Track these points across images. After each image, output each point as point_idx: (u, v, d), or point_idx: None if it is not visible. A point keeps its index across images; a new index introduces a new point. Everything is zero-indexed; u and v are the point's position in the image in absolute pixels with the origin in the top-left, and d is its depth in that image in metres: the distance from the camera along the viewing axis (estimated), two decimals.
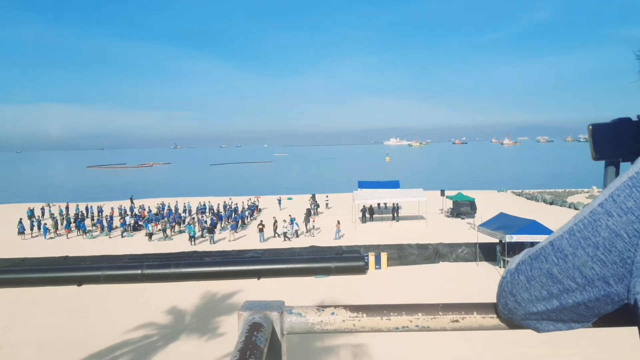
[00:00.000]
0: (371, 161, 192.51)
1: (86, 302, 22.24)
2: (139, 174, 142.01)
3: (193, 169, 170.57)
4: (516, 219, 26.50)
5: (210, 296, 22.43)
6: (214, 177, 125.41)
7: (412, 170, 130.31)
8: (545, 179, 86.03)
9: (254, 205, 50.42)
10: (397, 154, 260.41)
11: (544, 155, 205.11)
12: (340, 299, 21.21)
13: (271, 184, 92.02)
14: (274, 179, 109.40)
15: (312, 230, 37.45)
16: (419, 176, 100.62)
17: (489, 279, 24.17)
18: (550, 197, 52.61)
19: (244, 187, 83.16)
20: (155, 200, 58.30)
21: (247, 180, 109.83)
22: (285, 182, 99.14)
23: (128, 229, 39.80)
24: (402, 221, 41.64)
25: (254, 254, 27.52)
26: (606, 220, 0.93)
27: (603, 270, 0.93)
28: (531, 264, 1.06)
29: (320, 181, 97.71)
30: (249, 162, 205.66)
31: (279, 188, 79.50)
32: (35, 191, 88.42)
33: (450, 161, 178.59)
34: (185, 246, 33.32)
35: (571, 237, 0.99)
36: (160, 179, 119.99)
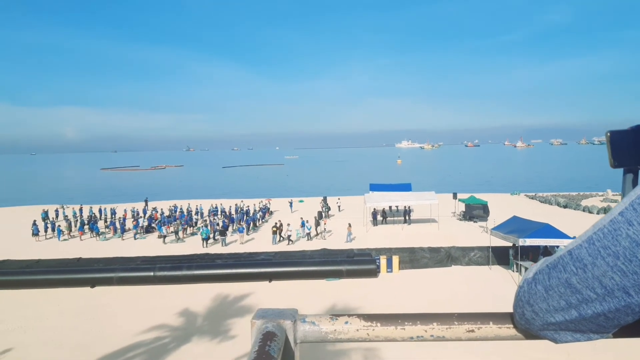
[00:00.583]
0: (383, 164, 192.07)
1: (99, 303, 22.40)
2: (152, 177, 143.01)
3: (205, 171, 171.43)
4: (529, 223, 26.23)
5: (222, 298, 22.48)
6: (226, 179, 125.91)
7: (424, 173, 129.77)
8: (559, 182, 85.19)
9: (265, 207, 50.53)
10: (409, 157, 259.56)
11: (557, 158, 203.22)
12: (352, 302, 21.16)
13: (283, 187, 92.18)
14: (286, 182, 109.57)
15: (324, 232, 37.42)
16: (431, 179, 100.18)
17: (502, 283, 23.95)
18: (564, 201, 52.04)
19: (256, 190, 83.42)
20: (168, 203, 58.67)
21: (259, 182, 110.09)
22: (297, 184, 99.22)
23: (141, 231, 40.05)
24: (414, 224, 41.47)
25: (265, 256, 27.54)
26: (627, 229, 0.90)
27: (623, 280, 0.90)
28: (549, 274, 1.04)
29: (332, 184, 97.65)
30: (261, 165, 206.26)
31: (290, 190, 79.61)
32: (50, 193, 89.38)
33: (462, 164, 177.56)
34: (197, 248, 33.45)
35: (590, 246, 0.96)
36: (173, 182, 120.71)
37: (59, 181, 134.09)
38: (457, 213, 46.01)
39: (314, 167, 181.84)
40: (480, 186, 77.88)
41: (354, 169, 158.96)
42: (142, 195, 69.77)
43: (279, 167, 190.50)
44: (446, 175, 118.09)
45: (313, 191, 75.26)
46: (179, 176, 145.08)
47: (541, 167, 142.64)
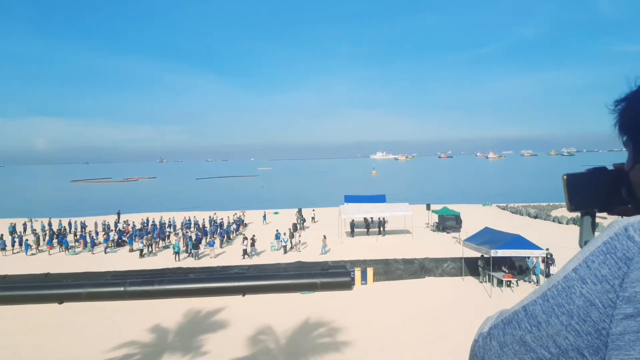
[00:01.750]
0: (358, 175, 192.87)
1: (67, 320, 21.81)
2: (124, 189, 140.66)
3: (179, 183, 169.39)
4: (501, 234, 26.59)
5: (195, 313, 22.13)
6: (199, 191, 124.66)
7: (398, 184, 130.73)
8: (530, 193, 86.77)
9: (239, 219, 50.11)
10: (384, 168, 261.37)
11: (528, 169, 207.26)
12: (326, 316, 21.06)
13: (257, 198, 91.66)
14: (260, 193, 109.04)
15: (298, 245, 37.28)
16: (405, 190, 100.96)
17: (475, 294, 24.20)
18: (535, 211, 53.04)
19: (230, 202, 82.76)
20: (140, 216, 57.72)
21: (233, 194, 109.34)
22: (272, 196, 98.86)
23: (111, 245, 39.29)
24: (388, 235, 41.67)
25: (239, 270, 27.26)
26: (580, 287, 0.90)
27: (577, 340, 0.88)
28: (504, 329, 1.02)
29: (307, 195, 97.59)
30: (235, 176, 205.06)
31: (265, 202, 79.24)
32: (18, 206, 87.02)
33: (436, 175, 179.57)
34: (170, 262, 32.93)
35: (545, 303, 0.95)
36: (145, 194, 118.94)
37: (27, 194, 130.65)
38: (430, 224, 46.42)
39: (288, 179, 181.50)
40: (453, 197, 78.79)
41: (329, 180, 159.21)
42: (113, 207, 68.48)
43: (254, 178, 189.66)
44: (420, 186, 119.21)
45: (288, 203, 75.06)
46: (152, 188, 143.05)
47: (512, 178, 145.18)
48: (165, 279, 25.14)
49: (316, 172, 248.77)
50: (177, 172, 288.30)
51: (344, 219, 41.76)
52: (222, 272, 26.78)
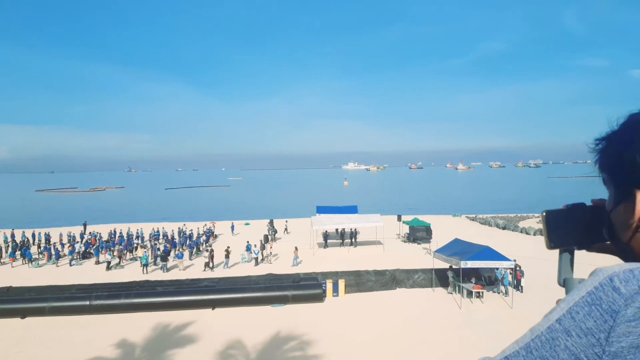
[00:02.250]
0: (330, 185, 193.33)
1: (30, 335, 21.05)
2: (91, 199, 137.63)
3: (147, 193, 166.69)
4: (471, 245, 26.92)
5: (163, 328, 21.63)
6: (168, 201, 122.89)
7: (370, 194, 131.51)
8: (498, 204, 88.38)
9: (209, 231, 49.53)
10: (355, 179, 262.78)
11: (496, 180, 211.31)
12: (298, 329, 20.86)
13: (229, 209, 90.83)
14: (232, 204, 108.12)
15: (270, 256, 36.99)
16: (377, 201, 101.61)
17: (445, 305, 24.36)
18: (503, 222, 53.98)
19: (200, 212, 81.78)
20: (107, 227, 56.45)
21: (204, 205, 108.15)
22: (243, 207, 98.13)
23: (77, 257, 38.27)
24: (360, 246, 41.75)
25: (208, 283, 26.82)
26: (565, 340, 0.87)
27: None
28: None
29: (279, 206, 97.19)
30: (206, 186, 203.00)
31: (236, 213, 78.56)
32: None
33: (406, 186, 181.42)
34: (137, 275, 32.22)
35: (528, 354, 0.90)
36: (113, 204, 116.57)
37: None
38: (401, 235, 46.73)
39: (260, 189, 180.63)
40: (424, 208, 79.61)
41: (301, 191, 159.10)
42: (79, 218, 66.87)
43: (225, 188, 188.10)
44: (391, 197, 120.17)
45: (259, 214, 74.61)
46: (120, 198, 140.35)
47: (481, 189, 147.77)
48: (132, 293, 24.55)
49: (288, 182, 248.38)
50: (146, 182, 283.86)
51: (316, 230, 41.70)
52: (191, 285, 26.31)
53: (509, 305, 23.66)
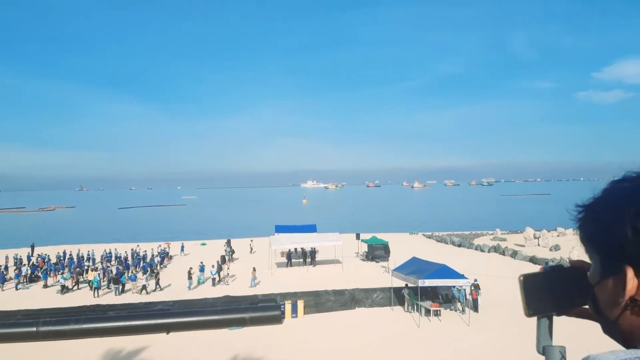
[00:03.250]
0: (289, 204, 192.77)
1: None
2: (40, 219, 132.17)
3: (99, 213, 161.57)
4: (428, 264, 27.19)
5: (114, 354, 20.74)
6: (122, 222, 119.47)
7: (329, 213, 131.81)
8: (453, 222, 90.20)
9: (164, 252, 48.24)
10: (314, 197, 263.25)
11: (451, 198, 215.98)
12: (256, 353, 20.40)
13: (184, 229, 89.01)
14: (187, 224, 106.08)
15: (227, 277, 36.27)
16: (335, 219, 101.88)
17: (403, 324, 24.41)
18: (458, 240, 54.94)
19: (154, 233, 79.77)
20: (57, 248, 54.17)
21: (159, 225, 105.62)
22: (199, 226, 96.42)
23: (24, 281, 36.47)
24: (319, 266, 41.54)
25: (163, 306, 25.98)
26: None
27: None
28: None
29: (236, 225, 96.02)
30: (161, 206, 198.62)
31: (192, 233, 77.07)
32: None
33: (364, 204, 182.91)
34: (88, 299, 30.92)
35: None
36: (62, 225, 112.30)
37: None
38: (360, 253, 46.82)
39: (217, 208, 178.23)
40: (381, 226, 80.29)
41: (259, 210, 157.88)
42: (27, 240, 63.92)
43: (181, 207, 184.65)
44: (349, 215, 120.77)
45: (216, 233, 73.44)
46: (70, 218, 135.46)
47: (437, 207, 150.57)
48: (82, 318, 23.50)
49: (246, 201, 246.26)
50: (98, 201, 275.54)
51: (274, 250, 41.28)
52: (145, 309, 25.42)
53: (466, 323, 23.92)
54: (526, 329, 19.15)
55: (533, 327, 1.15)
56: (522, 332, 21.02)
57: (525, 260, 42.03)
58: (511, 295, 28.37)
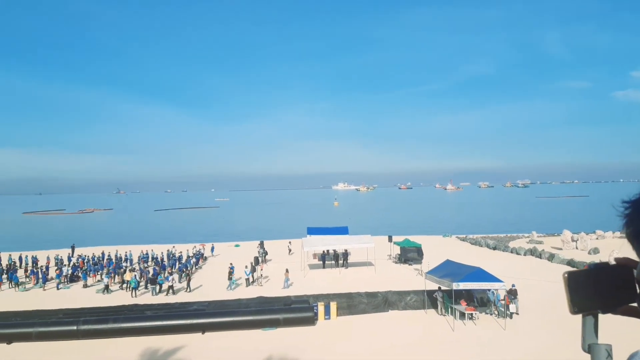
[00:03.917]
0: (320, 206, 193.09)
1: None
2: (79, 221, 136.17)
3: (136, 215, 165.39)
4: (462, 267, 26.85)
5: (152, 353, 21.25)
6: (157, 223, 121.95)
7: (360, 215, 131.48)
8: (488, 224, 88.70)
9: (199, 253, 49.08)
10: (345, 199, 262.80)
11: (485, 200, 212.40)
12: (289, 353, 20.59)
13: (218, 231, 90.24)
14: (220, 225, 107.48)
15: (260, 279, 36.66)
16: (367, 221, 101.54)
17: (438, 327, 24.19)
18: (493, 242, 54.01)
19: (189, 234, 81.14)
20: (95, 249, 55.74)
21: (193, 226, 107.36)
22: (233, 228, 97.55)
23: (64, 281, 37.66)
24: (351, 268, 41.54)
25: (198, 306, 26.48)
26: None
27: None
28: None
29: (269, 227, 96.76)
30: (195, 208, 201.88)
31: (225, 235, 78.07)
32: None
33: (396, 206, 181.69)
34: (126, 298, 31.75)
35: None
36: (101, 226, 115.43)
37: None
38: (392, 256, 46.59)
39: (249, 210, 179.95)
40: (414, 228, 79.63)
41: (291, 212, 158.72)
42: (67, 241, 65.98)
43: (214, 209, 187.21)
44: (381, 217, 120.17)
45: (249, 235, 74.18)
46: (108, 220, 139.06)
47: (471, 209, 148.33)
48: (120, 317, 24.16)
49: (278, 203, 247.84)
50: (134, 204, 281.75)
51: (306, 252, 41.52)
52: (181, 309, 25.95)
53: (502, 327, 23.56)
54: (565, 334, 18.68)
55: (572, 332, 1.20)
56: (561, 337, 20.60)
57: (562, 264, 41.06)
58: (548, 300, 27.80)
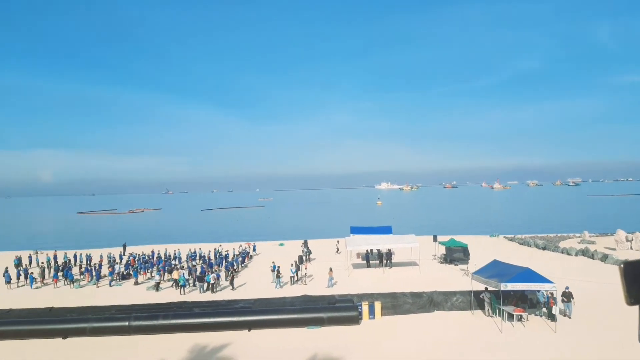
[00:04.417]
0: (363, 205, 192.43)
1: (71, 356, 21.48)
2: (130, 220, 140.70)
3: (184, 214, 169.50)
4: (510, 267, 26.19)
5: (200, 349, 21.75)
6: (205, 222, 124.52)
7: (404, 214, 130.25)
8: (537, 224, 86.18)
9: (245, 251, 49.84)
10: (389, 198, 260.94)
11: (534, 199, 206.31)
12: (334, 352, 20.64)
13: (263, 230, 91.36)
14: (266, 224, 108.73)
15: (304, 277, 36.91)
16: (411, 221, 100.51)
17: (486, 329, 23.69)
18: (543, 242, 52.39)
19: (235, 233, 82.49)
20: (146, 247, 57.51)
21: (239, 225, 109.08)
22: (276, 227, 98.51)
23: (116, 278, 39.00)
24: (395, 267, 41.23)
25: (244, 304, 26.88)
26: None
27: None
28: None
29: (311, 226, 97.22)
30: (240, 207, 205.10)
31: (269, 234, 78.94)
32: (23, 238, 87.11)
33: (441, 205, 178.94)
34: (175, 296, 32.62)
35: None
36: (151, 225, 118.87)
37: (33, 226, 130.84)
38: (437, 256, 45.96)
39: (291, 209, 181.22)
40: (460, 228, 78.28)
41: (334, 211, 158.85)
42: (119, 239, 68.39)
43: (259, 209, 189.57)
44: (426, 217, 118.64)
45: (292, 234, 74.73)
46: (157, 220, 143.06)
47: (519, 209, 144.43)
48: (170, 314, 24.82)
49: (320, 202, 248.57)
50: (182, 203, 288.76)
51: (350, 251, 41.48)
52: (228, 307, 26.42)
53: (553, 330, 22.86)
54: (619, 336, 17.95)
55: (627, 335, 1.18)
56: (615, 340, 19.82)
57: (616, 265, 39.36)
58: (602, 302, 26.79)
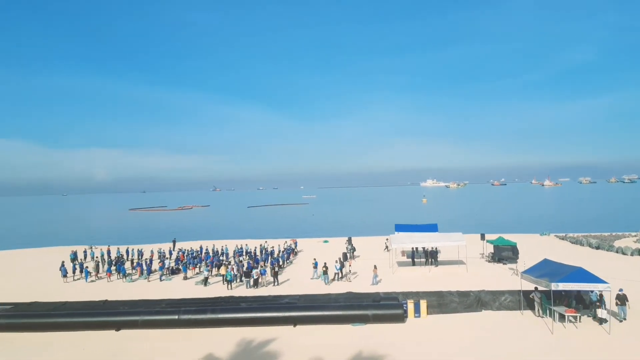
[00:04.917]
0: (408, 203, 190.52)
1: (123, 347, 22.27)
2: (179, 217, 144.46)
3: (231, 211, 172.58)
4: (562, 266, 25.35)
5: (247, 343, 22.13)
6: (251, 219, 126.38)
7: (450, 212, 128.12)
8: (590, 222, 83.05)
9: (290, 248, 50.31)
10: (434, 196, 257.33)
11: (587, 197, 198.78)
12: (379, 350, 20.57)
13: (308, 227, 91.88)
14: (311, 222, 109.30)
15: (349, 275, 36.92)
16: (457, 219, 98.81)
17: (535, 330, 23.04)
18: (596, 242, 50.40)
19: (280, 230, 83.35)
20: (194, 243, 58.94)
21: (284, 222, 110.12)
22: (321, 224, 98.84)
23: (166, 273, 40.12)
24: (441, 266, 40.66)
25: (290, 299, 27.16)
26: None
27: None
28: None
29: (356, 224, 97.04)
30: (285, 204, 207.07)
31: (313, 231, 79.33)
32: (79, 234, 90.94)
33: (489, 203, 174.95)
34: (222, 290, 33.29)
35: None
36: (199, 222, 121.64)
37: (88, 222, 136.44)
38: (485, 254, 45.02)
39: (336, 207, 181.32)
40: (508, 226, 76.35)
41: (379, 209, 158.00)
42: (168, 235, 70.42)
43: (304, 206, 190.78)
44: (473, 215, 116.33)
45: (336, 231, 74.85)
46: (206, 216, 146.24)
47: (571, 207, 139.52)
48: (217, 308, 25.35)
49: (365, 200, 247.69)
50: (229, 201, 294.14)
51: (395, 248, 41.19)
52: (274, 302, 26.74)
53: (607, 332, 22.01)
54: None
55: None
56: None
57: None
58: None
